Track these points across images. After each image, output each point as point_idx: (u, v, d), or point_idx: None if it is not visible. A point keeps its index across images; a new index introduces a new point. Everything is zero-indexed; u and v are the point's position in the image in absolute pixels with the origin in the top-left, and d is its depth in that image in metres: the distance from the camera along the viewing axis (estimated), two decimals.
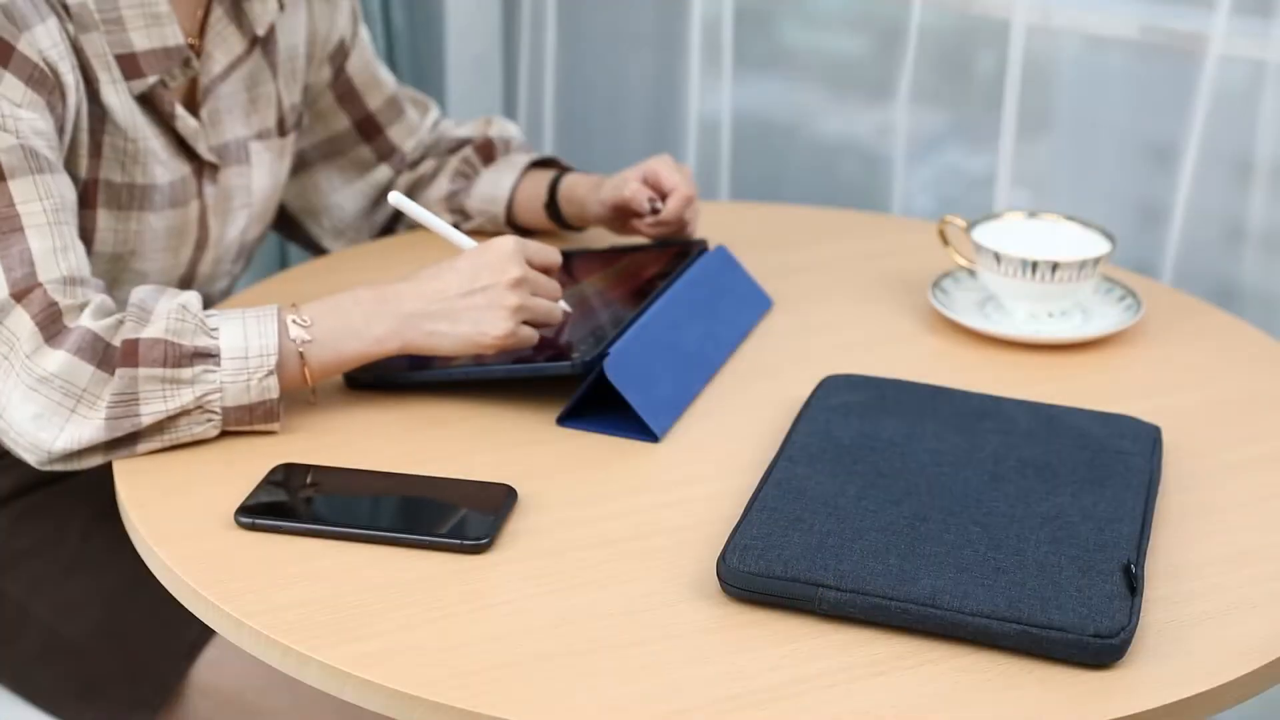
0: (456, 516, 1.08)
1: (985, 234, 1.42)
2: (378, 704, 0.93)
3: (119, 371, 1.13)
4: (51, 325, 1.14)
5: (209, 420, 1.16)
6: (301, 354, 1.18)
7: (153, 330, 1.15)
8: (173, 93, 1.32)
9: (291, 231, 1.61)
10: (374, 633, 0.96)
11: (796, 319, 1.41)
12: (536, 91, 2.18)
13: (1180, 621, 0.98)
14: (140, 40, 1.27)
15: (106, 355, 1.14)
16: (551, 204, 1.52)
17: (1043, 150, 1.86)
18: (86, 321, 1.15)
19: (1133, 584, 0.97)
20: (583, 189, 1.50)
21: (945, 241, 1.47)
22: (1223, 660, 0.95)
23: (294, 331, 1.17)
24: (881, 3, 1.92)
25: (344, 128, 1.55)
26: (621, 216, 1.47)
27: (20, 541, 1.35)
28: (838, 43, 2.03)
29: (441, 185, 1.57)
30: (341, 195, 1.57)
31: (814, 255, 1.56)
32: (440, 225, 1.28)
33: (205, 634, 1.29)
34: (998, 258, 1.37)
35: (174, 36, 1.29)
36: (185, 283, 1.40)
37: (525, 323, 1.21)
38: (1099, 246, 1.41)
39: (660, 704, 0.90)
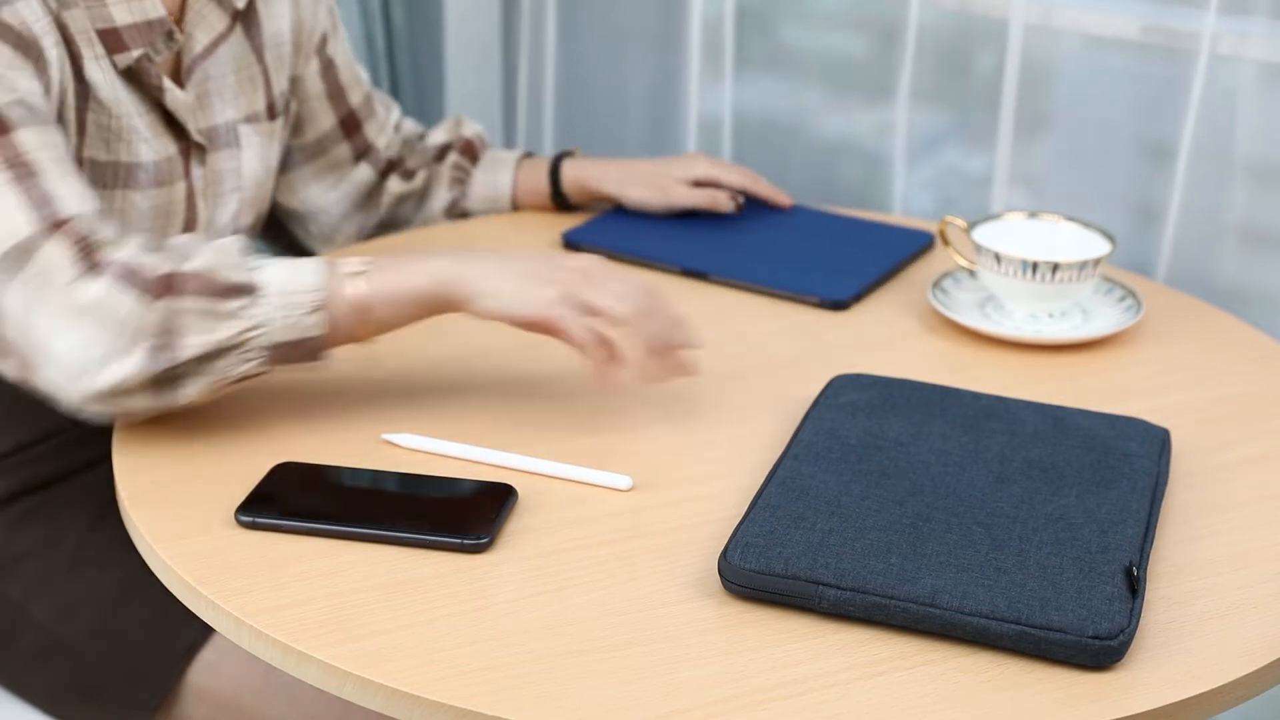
0: (456, 516, 1.08)
1: (985, 234, 1.42)
2: (377, 703, 0.93)
3: (160, 302, 1.11)
4: (89, 256, 1.12)
5: (252, 359, 1.13)
6: (350, 289, 1.14)
7: (194, 264, 1.12)
8: (159, 67, 1.32)
9: (276, 235, 1.61)
10: (374, 632, 0.96)
11: (797, 319, 1.41)
12: (537, 92, 2.17)
13: (1181, 621, 0.98)
14: (121, 14, 1.27)
15: (147, 286, 1.11)
16: (557, 194, 1.61)
17: (1041, 150, 1.86)
18: (127, 253, 1.12)
19: (1134, 586, 0.97)
20: (595, 182, 1.60)
21: (945, 241, 1.47)
22: (1223, 660, 0.95)
23: (345, 267, 1.15)
24: (881, 3, 1.92)
25: (330, 125, 1.55)
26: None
27: (19, 544, 1.35)
28: (837, 43, 2.03)
29: (441, 196, 1.60)
30: (326, 199, 1.57)
31: None
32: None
33: (201, 637, 1.29)
34: (998, 258, 1.37)
35: (154, 9, 1.29)
36: None
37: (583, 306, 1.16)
38: (1099, 247, 1.41)
39: (660, 704, 0.90)
